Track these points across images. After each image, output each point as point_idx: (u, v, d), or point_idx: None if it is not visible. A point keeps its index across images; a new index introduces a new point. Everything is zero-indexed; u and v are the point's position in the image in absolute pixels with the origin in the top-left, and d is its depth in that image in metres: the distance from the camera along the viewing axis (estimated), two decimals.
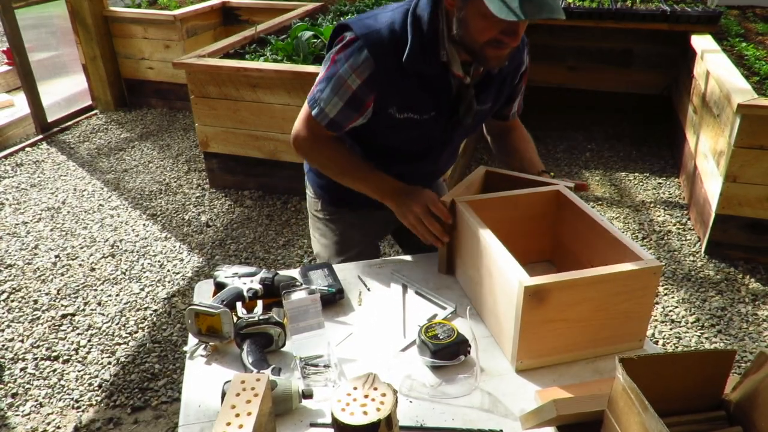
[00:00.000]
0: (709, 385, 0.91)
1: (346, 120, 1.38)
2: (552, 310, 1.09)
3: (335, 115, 1.37)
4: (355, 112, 1.36)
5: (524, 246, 1.35)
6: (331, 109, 1.36)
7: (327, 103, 1.36)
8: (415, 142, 1.47)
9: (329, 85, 1.34)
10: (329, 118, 1.38)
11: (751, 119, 2.61)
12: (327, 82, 1.35)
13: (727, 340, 2.46)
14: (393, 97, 1.35)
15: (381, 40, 1.29)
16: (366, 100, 1.34)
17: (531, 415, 0.93)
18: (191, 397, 1.11)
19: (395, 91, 1.33)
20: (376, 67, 1.29)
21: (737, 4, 4.46)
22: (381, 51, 1.29)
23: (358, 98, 1.33)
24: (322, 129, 1.41)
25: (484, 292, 1.26)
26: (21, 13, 4.38)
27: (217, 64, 3.35)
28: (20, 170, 4.05)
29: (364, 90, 1.32)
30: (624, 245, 1.18)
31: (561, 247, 1.44)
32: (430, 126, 1.41)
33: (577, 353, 1.17)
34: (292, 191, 3.63)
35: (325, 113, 1.37)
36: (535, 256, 1.47)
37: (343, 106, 1.35)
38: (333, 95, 1.34)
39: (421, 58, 1.29)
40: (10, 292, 2.81)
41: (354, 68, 1.30)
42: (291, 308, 1.22)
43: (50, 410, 2.18)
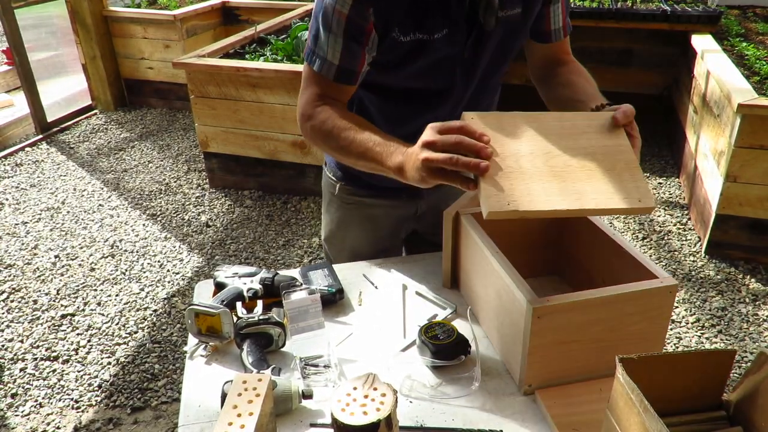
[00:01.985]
0: (709, 385, 0.91)
1: (354, 60, 1.15)
2: (561, 332, 1.04)
3: (340, 58, 1.14)
4: (358, 45, 1.13)
5: (530, 258, 1.31)
6: (333, 53, 1.14)
7: (325, 46, 1.14)
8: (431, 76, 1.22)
9: (320, 25, 1.13)
10: (335, 66, 1.15)
11: (751, 119, 2.61)
12: (316, 22, 1.14)
13: (727, 340, 2.46)
14: (393, 14, 1.11)
15: None
16: (365, 24, 1.11)
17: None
18: (191, 398, 1.11)
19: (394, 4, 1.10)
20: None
21: (737, 3, 4.46)
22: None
23: (355, 23, 1.11)
24: (332, 87, 1.18)
25: (489, 311, 1.22)
26: (21, 13, 4.38)
27: (217, 64, 3.35)
28: (20, 170, 4.05)
29: (358, 9, 1.09)
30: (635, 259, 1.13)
31: (568, 258, 1.40)
32: (445, 48, 1.16)
33: (588, 377, 1.11)
34: (292, 191, 3.63)
35: (328, 62, 1.15)
36: (542, 268, 1.42)
37: (344, 42, 1.12)
38: (328, 33, 1.13)
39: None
40: (10, 292, 2.81)
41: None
42: (291, 308, 1.22)
43: (50, 410, 2.18)
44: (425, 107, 1.28)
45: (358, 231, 1.56)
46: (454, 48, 1.18)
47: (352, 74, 1.17)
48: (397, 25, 1.12)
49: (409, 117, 1.28)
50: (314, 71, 1.18)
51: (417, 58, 1.17)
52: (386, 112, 1.30)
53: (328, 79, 1.17)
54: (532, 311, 1.00)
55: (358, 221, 1.54)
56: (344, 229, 1.57)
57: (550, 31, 1.29)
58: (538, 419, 1.05)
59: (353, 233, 1.56)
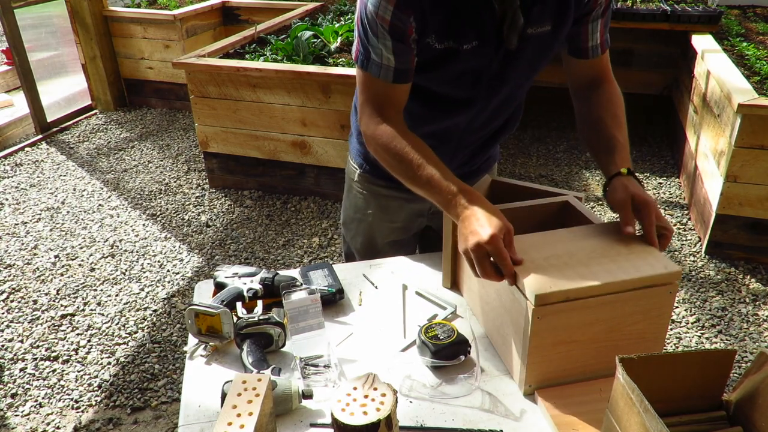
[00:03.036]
0: (709, 385, 0.91)
1: (406, 58, 1.19)
2: (561, 332, 1.05)
3: (395, 60, 1.18)
4: (405, 45, 1.17)
5: None
6: (387, 57, 1.18)
7: (379, 51, 1.18)
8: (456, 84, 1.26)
9: (368, 32, 1.17)
10: (392, 69, 1.19)
11: (751, 119, 2.61)
12: (363, 29, 1.18)
13: (727, 340, 2.46)
14: (429, 21, 1.15)
15: None
16: (406, 27, 1.15)
17: None
18: (191, 398, 1.11)
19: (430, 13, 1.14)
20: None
21: (738, 3, 4.46)
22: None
23: (398, 28, 1.15)
24: (391, 89, 1.22)
25: (489, 311, 1.23)
26: (21, 13, 4.38)
27: (217, 64, 3.35)
28: (20, 170, 4.05)
29: (399, 15, 1.13)
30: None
31: None
32: (474, 59, 1.20)
33: (588, 377, 1.11)
34: (292, 191, 3.63)
35: (385, 66, 1.19)
36: None
37: (393, 44, 1.16)
38: (377, 38, 1.17)
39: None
40: (10, 292, 2.81)
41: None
42: (291, 308, 1.22)
43: (50, 410, 2.18)
44: (444, 113, 1.32)
45: (373, 219, 1.59)
46: (482, 60, 1.21)
47: (408, 73, 1.21)
48: (434, 32, 1.16)
49: (427, 119, 1.33)
50: (372, 76, 1.22)
51: (446, 65, 1.21)
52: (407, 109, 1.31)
53: (387, 81, 1.21)
54: (532, 311, 1.01)
55: (374, 209, 1.57)
56: (361, 214, 1.60)
57: (587, 47, 1.29)
58: (538, 419, 1.05)
59: (369, 220, 1.60)
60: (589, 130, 1.32)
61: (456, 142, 1.40)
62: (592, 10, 1.23)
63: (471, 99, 1.29)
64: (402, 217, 1.57)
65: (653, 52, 4.37)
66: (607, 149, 1.25)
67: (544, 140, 4.33)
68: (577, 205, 1.31)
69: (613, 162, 1.23)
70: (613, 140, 1.26)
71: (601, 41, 1.29)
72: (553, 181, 3.79)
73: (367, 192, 1.56)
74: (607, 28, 1.29)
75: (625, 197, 1.16)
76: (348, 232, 1.67)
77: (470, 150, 1.45)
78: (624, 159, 1.23)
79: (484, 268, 1.08)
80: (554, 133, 4.44)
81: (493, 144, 1.49)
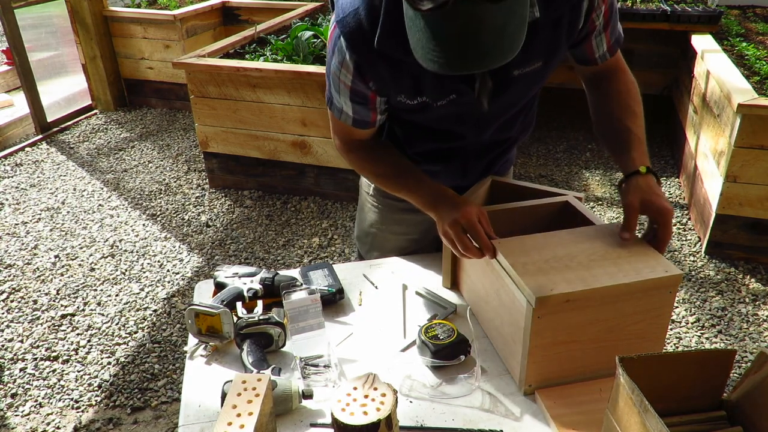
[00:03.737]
0: (709, 385, 0.91)
1: (366, 115, 1.20)
2: (561, 332, 1.05)
3: (353, 113, 1.19)
4: (366, 108, 1.18)
5: None
6: (346, 108, 1.19)
7: (340, 102, 1.19)
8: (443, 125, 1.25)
9: (331, 84, 1.17)
10: (351, 117, 1.21)
11: (751, 119, 2.61)
12: (328, 79, 1.18)
13: (727, 340, 2.46)
14: (394, 87, 1.13)
15: (357, 23, 1.04)
16: (367, 93, 1.15)
17: None
18: (191, 398, 1.11)
19: (393, 80, 1.11)
20: (358, 58, 1.08)
21: (738, 3, 4.46)
22: (359, 38, 1.05)
23: (359, 93, 1.15)
24: (353, 130, 1.25)
25: (489, 311, 1.23)
26: (21, 13, 4.38)
27: (217, 64, 3.35)
28: (20, 170, 4.05)
29: (358, 84, 1.13)
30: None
31: None
32: (454, 107, 1.17)
33: (588, 377, 1.11)
34: (292, 191, 3.63)
35: (345, 113, 1.21)
36: None
37: (352, 105, 1.18)
38: (339, 94, 1.17)
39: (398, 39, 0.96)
40: (10, 292, 2.81)
41: (340, 62, 1.11)
42: (291, 308, 1.22)
43: (50, 410, 2.18)
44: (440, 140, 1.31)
45: (388, 233, 1.57)
46: (463, 107, 1.17)
47: (368, 124, 1.23)
48: (402, 92, 1.14)
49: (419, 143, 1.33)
50: (335, 118, 1.25)
51: (425, 113, 1.19)
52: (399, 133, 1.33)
53: (348, 125, 1.24)
54: (532, 311, 1.01)
55: (388, 223, 1.55)
56: (375, 229, 1.58)
57: (595, 57, 1.24)
58: (538, 419, 1.05)
59: (384, 234, 1.57)
60: (602, 122, 1.26)
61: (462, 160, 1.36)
62: (591, 31, 1.17)
63: (461, 134, 1.27)
64: (418, 228, 1.53)
65: (653, 52, 4.37)
66: (623, 144, 1.19)
67: (544, 140, 4.33)
68: (577, 205, 1.30)
69: (630, 159, 1.16)
70: (628, 133, 1.19)
71: (608, 47, 1.22)
72: (553, 181, 3.79)
73: (382, 206, 1.53)
74: (614, 32, 1.21)
75: (635, 201, 1.11)
76: (363, 246, 1.64)
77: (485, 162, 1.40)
78: (641, 155, 1.16)
79: (464, 244, 1.11)
80: (554, 133, 4.44)
81: (509, 150, 1.45)
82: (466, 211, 1.12)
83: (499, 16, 0.81)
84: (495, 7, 0.80)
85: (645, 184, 1.12)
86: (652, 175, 1.14)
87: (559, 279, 1.02)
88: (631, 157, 1.16)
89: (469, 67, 0.84)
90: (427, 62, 0.87)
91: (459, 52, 0.83)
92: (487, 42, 0.82)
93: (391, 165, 1.29)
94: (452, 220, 1.12)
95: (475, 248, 1.12)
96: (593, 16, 1.12)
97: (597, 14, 1.13)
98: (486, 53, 0.83)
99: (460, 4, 0.79)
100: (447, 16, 0.81)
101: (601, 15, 1.14)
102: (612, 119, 1.23)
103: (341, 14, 1.06)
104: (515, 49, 0.85)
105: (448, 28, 0.82)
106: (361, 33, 1.05)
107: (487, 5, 0.80)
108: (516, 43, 0.85)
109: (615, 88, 1.26)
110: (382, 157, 1.30)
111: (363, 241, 1.63)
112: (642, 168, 1.13)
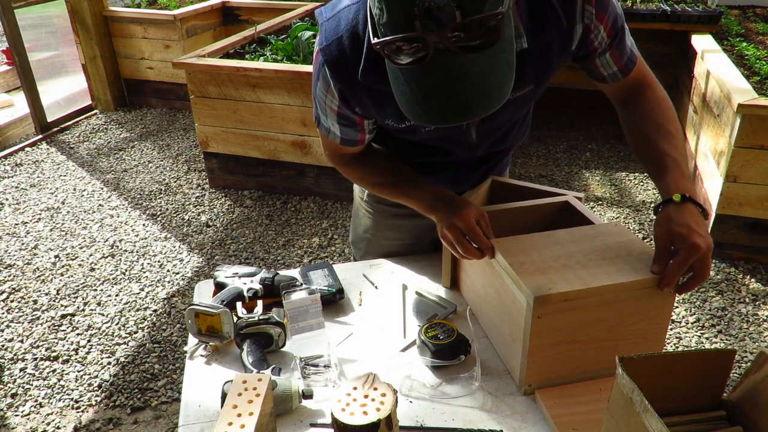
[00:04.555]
0: (709, 385, 0.91)
1: (354, 136, 1.20)
2: (561, 332, 1.05)
3: (342, 133, 1.19)
4: (354, 130, 1.18)
5: None
6: (335, 128, 1.18)
7: (327, 123, 1.18)
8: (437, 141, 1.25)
9: (317, 105, 1.17)
10: (339, 137, 1.20)
11: (751, 119, 2.61)
12: (315, 101, 1.17)
13: (727, 340, 2.46)
14: (379, 113, 1.12)
15: (341, 52, 1.03)
16: (354, 118, 1.15)
17: None
18: (191, 398, 1.11)
19: (377, 107, 1.10)
20: (342, 86, 1.07)
21: (738, 3, 4.46)
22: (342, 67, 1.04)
23: (346, 117, 1.15)
24: (341, 147, 1.24)
25: (489, 311, 1.23)
26: (21, 13, 4.38)
27: (217, 64, 3.35)
28: (20, 170, 4.05)
29: (344, 109, 1.12)
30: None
31: None
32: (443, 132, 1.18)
33: (588, 377, 1.11)
34: (291, 191, 3.63)
35: (333, 132, 1.20)
36: None
37: (340, 126, 1.17)
38: (326, 117, 1.17)
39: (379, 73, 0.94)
40: (10, 292, 2.81)
41: (325, 89, 1.10)
42: (291, 308, 1.22)
43: (50, 410, 2.18)
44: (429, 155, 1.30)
45: (383, 238, 1.56)
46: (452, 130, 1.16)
47: (357, 142, 1.23)
48: (389, 117, 1.13)
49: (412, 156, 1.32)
50: (324, 136, 1.24)
51: (416, 134, 1.19)
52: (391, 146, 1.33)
53: (336, 143, 1.23)
54: (532, 311, 1.01)
55: (383, 229, 1.54)
56: (370, 234, 1.57)
57: (604, 76, 1.19)
58: (538, 419, 1.05)
59: (379, 240, 1.56)
60: (638, 147, 1.17)
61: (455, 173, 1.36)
62: (592, 52, 1.13)
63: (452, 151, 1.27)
64: (413, 233, 1.53)
65: (653, 52, 4.36)
66: (659, 168, 1.10)
67: (544, 140, 4.33)
68: (577, 205, 1.30)
69: (664, 185, 1.06)
70: (663, 157, 1.10)
71: (620, 67, 1.17)
72: (553, 181, 3.79)
73: (376, 212, 1.52)
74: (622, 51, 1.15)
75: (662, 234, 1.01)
76: (357, 251, 1.64)
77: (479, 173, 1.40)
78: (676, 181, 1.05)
79: (464, 246, 1.11)
80: (554, 133, 4.44)
81: (504, 158, 1.46)
82: (464, 214, 1.12)
83: (483, 65, 0.79)
84: (477, 56, 0.78)
85: (677, 215, 1.01)
86: (690, 204, 1.02)
87: (557, 278, 1.02)
88: (665, 183, 1.06)
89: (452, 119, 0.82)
90: (411, 114, 0.86)
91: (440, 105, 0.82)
92: (470, 93, 0.80)
93: (387, 172, 1.29)
94: (450, 223, 1.13)
95: (474, 250, 1.12)
96: (591, 37, 1.09)
97: (595, 35, 1.09)
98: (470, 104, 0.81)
99: (440, 57, 0.77)
100: (427, 69, 0.79)
101: (601, 35, 1.10)
102: (646, 143, 1.14)
103: (324, 42, 1.05)
104: (503, 97, 0.83)
105: (429, 81, 0.80)
106: (344, 62, 1.04)
107: (468, 55, 0.78)
108: (504, 89, 0.83)
109: (644, 107, 1.18)
110: (377, 166, 1.30)
111: (358, 246, 1.63)
112: (676, 196, 1.02)
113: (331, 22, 1.05)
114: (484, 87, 0.81)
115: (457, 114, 0.82)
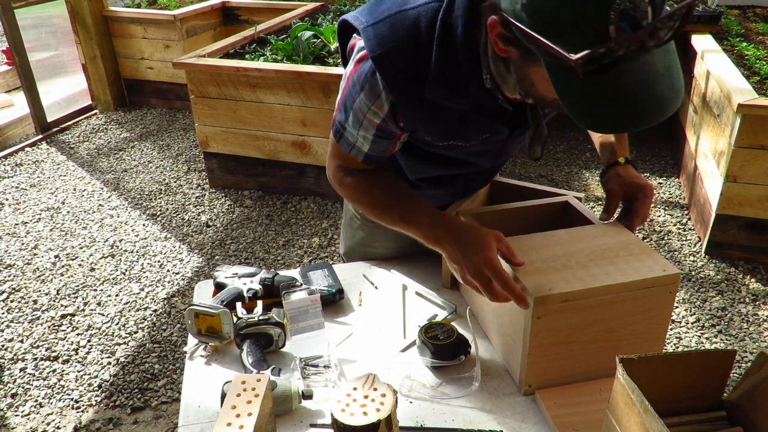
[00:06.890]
0: (709, 385, 0.91)
1: (382, 150, 1.14)
2: (561, 332, 1.05)
3: (369, 149, 1.12)
4: (388, 142, 1.12)
5: None
6: (362, 144, 1.12)
7: (355, 137, 1.11)
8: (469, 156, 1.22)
9: (350, 117, 1.09)
10: (364, 153, 1.14)
11: (751, 119, 2.61)
12: (346, 112, 1.09)
13: (727, 340, 2.46)
14: (429, 129, 1.08)
15: (400, 63, 0.96)
16: (395, 131, 1.09)
17: None
18: (191, 398, 1.11)
19: (426, 123, 1.06)
20: (397, 99, 1.00)
21: (737, 3, 4.46)
22: (401, 80, 0.98)
23: (386, 130, 1.08)
24: (359, 165, 1.18)
25: (489, 311, 1.23)
26: (21, 13, 4.38)
27: (217, 64, 3.35)
28: (20, 170, 4.05)
29: (388, 123, 1.06)
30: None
31: None
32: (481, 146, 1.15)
33: (588, 377, 1.11)
34: (291, 191, 3.63)
35: (357, 148, 1.13)
36: None
37: (374, 139, 1.10)
38: (357, 130, 1.10)
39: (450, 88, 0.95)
40: (10, 292, 2.81)
41: (372, 100, 1.03)
42: (291, 308, 1.22)
43: (50, 410, 2.18)
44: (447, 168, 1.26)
45: (377, 249, 1.53)
46: (490, 145, 1.16)
47: (381, 160, 1.16)
48: (431, 135, 1.09)
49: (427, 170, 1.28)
50: (342, 151, 1.16)
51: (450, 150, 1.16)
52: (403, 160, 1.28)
53: (357, 160, 1.16)
54: (532, 311, 1.01)
55: (378, 240, 1.51)
56: (364, 247, 1.54)
57: None
58: (538, 419, 1.05)
59: (377, 249, 1.54)
60: None
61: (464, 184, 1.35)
62: None
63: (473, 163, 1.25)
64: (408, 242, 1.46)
65: None
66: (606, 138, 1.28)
67: None
68: (577, 205, 1.30)
69: (611, 151, 1.25)
70: None
71: None
72: (553, 181, 3.79)
73: (370, 223, 1.48)
74: None
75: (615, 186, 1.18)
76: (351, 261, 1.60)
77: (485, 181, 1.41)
78: (622, 147, 1.25)
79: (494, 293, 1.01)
80: (554, 133, 4.44)
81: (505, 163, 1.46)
82: (487, 255, 1.01)
83: (665, 58, 0.78)
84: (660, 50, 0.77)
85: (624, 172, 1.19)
86: (630, 165, 1.21)
87: (557, 279, 1.02)
88: (612, 149, 1.24)
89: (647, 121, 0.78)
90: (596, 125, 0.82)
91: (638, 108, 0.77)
92: (663, 89, 0.77)
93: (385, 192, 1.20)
94: (476, 269, 1.01)
95: (504, 294, 1.00)
96: None
97: None
98: (665, 101, 0.77)
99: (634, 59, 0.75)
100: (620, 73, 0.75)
101: None
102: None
103: (377, 49, 0.97)
104: (683, 88, 0.80)
105: (625, 85, 0.76)
106: (405, 75, 0.97)
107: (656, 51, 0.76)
108: (682, 79, 0.80)
109: None
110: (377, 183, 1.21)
111: (351, 257, 1.58)
112: (621, 159, 1.21)
113: (380, 27, 0.97)
114: (671, 80, 0.78)
115: (653, 114, 0.78)
